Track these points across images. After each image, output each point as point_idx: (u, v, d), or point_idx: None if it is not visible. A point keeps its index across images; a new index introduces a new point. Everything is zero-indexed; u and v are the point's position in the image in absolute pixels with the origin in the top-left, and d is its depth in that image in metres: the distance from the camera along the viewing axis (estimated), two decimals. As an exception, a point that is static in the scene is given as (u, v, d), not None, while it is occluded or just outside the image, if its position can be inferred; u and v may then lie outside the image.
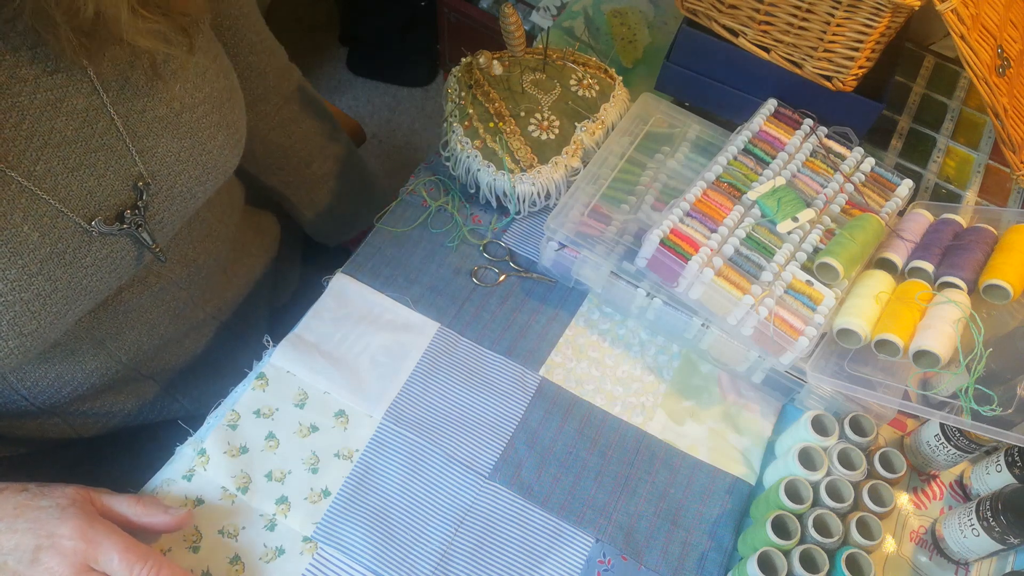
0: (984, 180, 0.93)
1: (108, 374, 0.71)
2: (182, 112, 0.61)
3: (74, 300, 0.58)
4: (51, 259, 0.55)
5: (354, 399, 0.70)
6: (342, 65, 2.14)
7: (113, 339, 0.69)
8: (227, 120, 0.65)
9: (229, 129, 0.66)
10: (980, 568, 0.68)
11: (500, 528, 0.66)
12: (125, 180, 0.59)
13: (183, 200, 0.64)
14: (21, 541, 0.53)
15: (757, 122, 0.79)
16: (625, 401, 0.73)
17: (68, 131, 0.54)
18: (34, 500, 0.55)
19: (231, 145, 0.67)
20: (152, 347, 0.74)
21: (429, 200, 0.83)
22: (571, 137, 0.80)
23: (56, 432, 0.74)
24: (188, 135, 0.62)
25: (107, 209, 0.58)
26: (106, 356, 0.69)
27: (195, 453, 0.66)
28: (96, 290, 0.60)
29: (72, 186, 0.55)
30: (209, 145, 0.64)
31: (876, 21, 0.72)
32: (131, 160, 0.58)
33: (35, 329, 0.56)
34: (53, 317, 0.57)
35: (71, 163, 0.55)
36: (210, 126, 0.63)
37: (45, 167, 0.53)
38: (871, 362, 0.68)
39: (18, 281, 0.53)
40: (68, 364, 0.67)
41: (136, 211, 0.59)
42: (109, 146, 0.57)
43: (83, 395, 0.71)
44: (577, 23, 1.02)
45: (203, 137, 0.63)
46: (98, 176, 0.57)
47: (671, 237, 0.69)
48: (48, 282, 0.55)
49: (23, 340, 0.56)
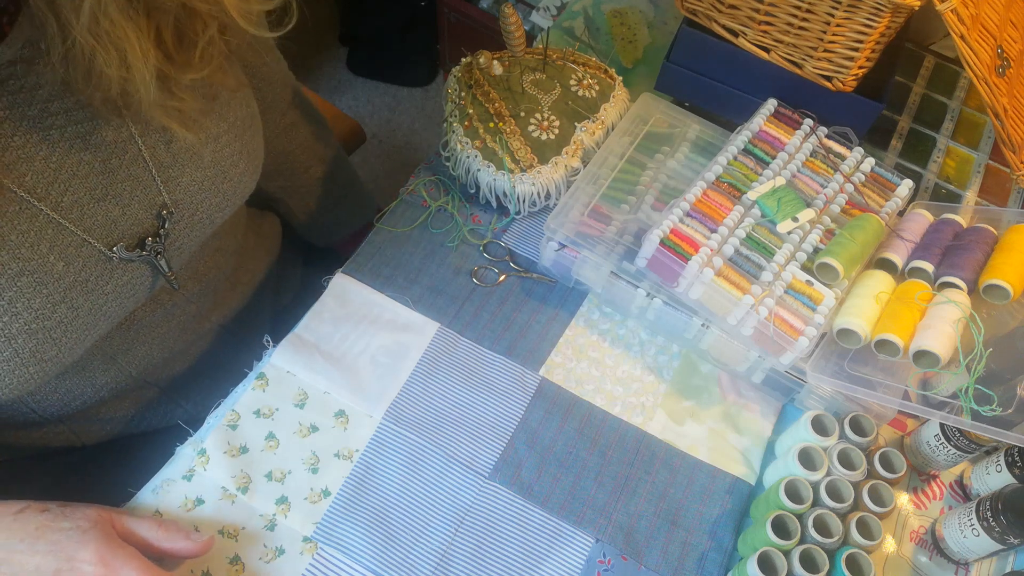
0: (984, 180, 0.93)
1: (117, 387, 0.71)
2: (207, 142, 0.61)
3: (94, 326, 0.59)
4: (74, 288, 0.55)
5: (354, 399, 0.70)
6: (342, 65, 2.14)
7: (124, 354, 0.69)
8: (248, 148, 0.66)
9: (250, 156, 0.66)
10: (980, 568, 0.68)
11: (500, 528, 0.66)
12: (149, 209, 0.59)
13: (202, 226, 0.65)
14: (42, 563, 0.53)
15: (757, 122, 0.79)
16: (625, 401, 0.73)
17: (96, 163, 0.54)
18: (55, 522, 0.55)
19: (251, 172, 0.67)
20: (161, 359, 0.74)
21: (429, 200, 0.83)
22: (571, 137, 0.80)
23: (60, 440, 0.74)
24: (212, 165, 0.62)
25: (129, 237, 0.58)
26: (116, 371, 0.70)
27: (195, 453, 0.66)
28: (114, 315, 0.61)
29: (97, 216, 0.56)
30: (231, 173, 0.64)
31: (876, 21, 0.72)
32: (156, 190, 0.59)
33: (55, 356, 0.56)
34: (72, 344, 0.57)
35: (97, 193, 0.55)
36: (233, 155, 0.64)
37: (72, 198, 0.54)
38: (871, 362, 0.68)
39: (42, 310, 0.54)
40: (79, 379, 0.67)
41: (157, 239, 0.60)
42: (135, 176, 0.57)
43: (90, 407, 0.71)
44: (577, 23, 1.02)
45: (226, 166, 0.63)
46: (123, 206, 0.57)
47: (671, 237, 0.69)
48: (71, 310, 0.56)
49: (42, 367, 0.56)
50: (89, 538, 0.54)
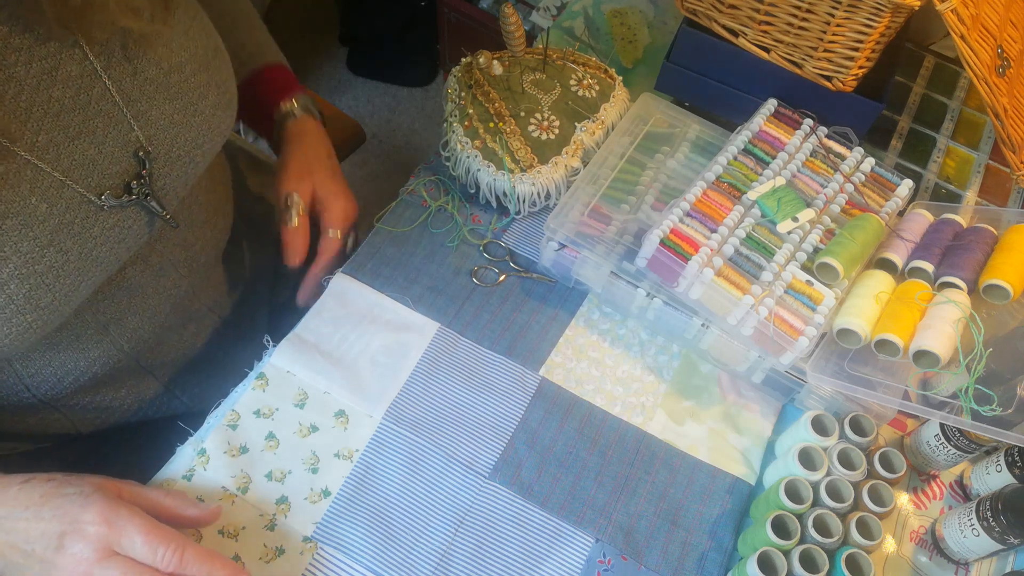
0: (984, 180, 0.93)
1: (110, 363, 0.71)
2: (170, 72, 0.61)
3: (86, 271, 0.59)
4: (61, 230, 0.55)
5: (354, 399, 0.70)
6: (342, 65, 2.14)
7: (116, 324, 0.69)
8: (215, 80, 0.66)
9: (219, 88, 0.66)
10: (980, 568, 0.68)
11: (500, 528, 0.66)
12: (124, 148, 0.59)
13: (183, 165, 0.65)
14: (47, 528, 0.53)
15: (757, 122, 0.79)
16: (625, 401, 0.73)
17: (65, 99, 0.54)
18: (59, 488, 0.55)
19: (223, 105, 0.67)
20: (153, 336, 0.74)
21: (429, 200, 0.83)
22: (571, 137, 0.80)
23: (56, 427, 0.74)
24: (179, 96, 0.62)
25: (112, 179, 0.59)
26: (109, 343, 0.69)
27: (195, 453, 0.66)
28: (107, 261, 0.61)
29: (74, 156, 0.56)
30: (201, 106, 0.64)
31: (876, 21, 0.72)
32: (128, 126, 0.59)
33: (50, 302, 0.56)
34: (67, 289, 0.57)
35: (71, 132, 0.55)
36: (199, 86, 0.64)
37: (47, 138, 0.54)
38: (871, 362, 0.68)
39: (31, 254, 0.54)
40: (71, 352, 0.67)
41: (141, 181, 0.60)
42: (106, 112, 0.57)
43: (84, 386, 0.71)
44: (577, 23, 1.02)
45: (194, 97, 0.63)
46: (98, 144, 0.57)
47: (671, 237, 0.69)
48: (60, 254, 0.56)
49: (40, 314, 0.56)
50: (92, 500, 0.54)
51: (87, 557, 0.52)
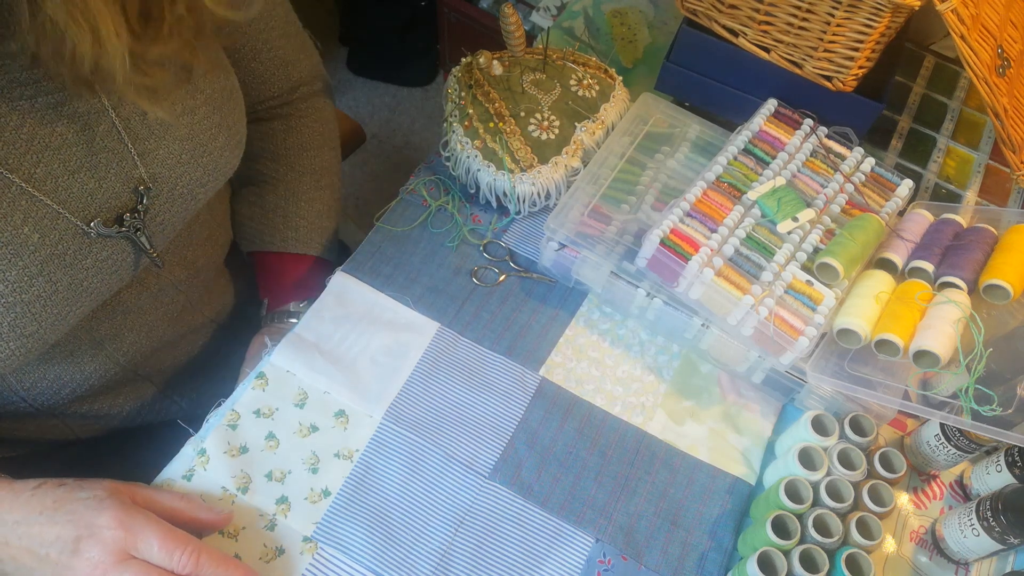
0: (984, 180, 0.93)
1: (107, 375, 0.71)
2: (183, 115, 0.60)
3: (74, 302, 0.58)
4: (51, 261, 0.55)
5: (354, 399, 0.70)
6: (342, 65, 2.14)
7: (112, 341, 0.69)
8: (227, 121, 0.65)
9: (230, 131, 0.66)
10: (980, 568, 0.68)
11: (500, 528, 0.66)
12: (126, 183, 0.59)
13: (184, 202, 0.64)
14: (61, 533, 0.53)
15: (757, 122, 0.79)
16: (625, 401, 0.73)
17: (69, 134, 0.54)
18: (72, 492, 0.55)
19: (232, 146, 0.66)
20: (150, 349, 0.74)
21: (429, 200, 0.83)
22: (571, 137, 0.80)
23: (54, 433, 0.74)
24: (189, 137, 0.62)
25: (107, 211, 0.58)
26: (104, 358, 0.69)
27: (195, 453, 0.66)
28: (96, 292, 0.60)
29: (72, 188, 0.55)
30: (210, 147, 0.64)
31: (876, 21, 0.72)
32: (132, 163, 0.58)
33: (35, 331, 0.56)
34: (54, 319, 0.57)
35: (71, 166, 0.55)
36: (211, 127, 0.63)
37: (45, 170, 0.53)
38: (871, 362, 0.68)
39: (19, 283, 0.53)
40: (67, 365, 0.67)
41: (135, 215, 0.60)
42: (110, 149, 0.57)
43: (81, 396, 0.71)
44: (577, 23, 1.02)
45: (204, 139, 0.63)
46: (99, 179, 0.57)
47: (671, 237, 0.69)
48: (48, 284, 0.55)
49: (24, 342, 0.56)
50: (106, 505, 0.54)
51: (103, 561, 0.52)
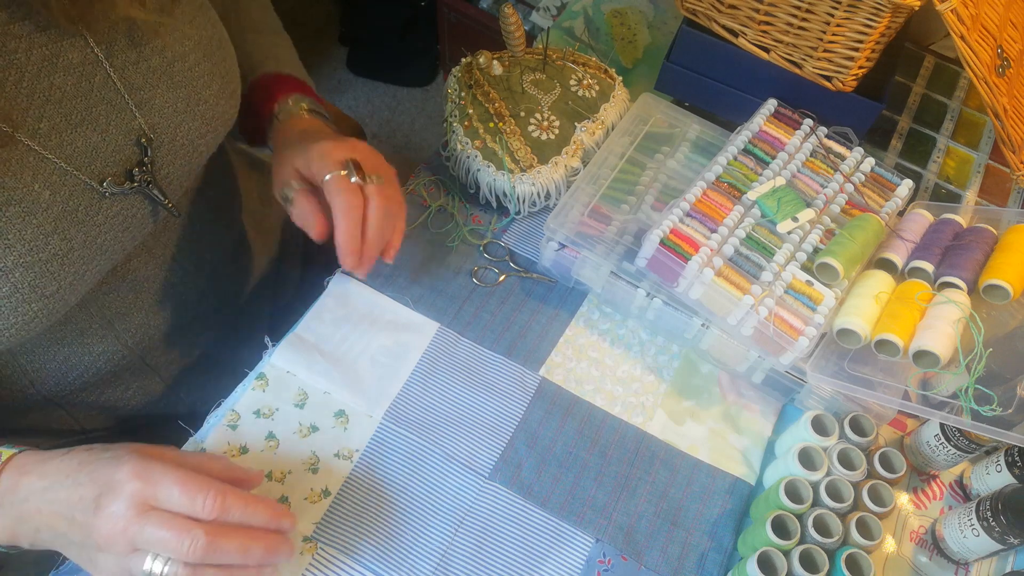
0: (984, 180, 0.93)
1: (114, 359, 0.71)
2: (174, 61, 0.61)
3: (90, 259, 0.59)
4: (64, 218, 0.56)
5: (354, 399, 0.70)
6: (342, 65, 2.14)
7: (122, 319, 0.69)
8: (219, 69, 0.66)
9: (223, 78, 0.66)
10: (980, 568, 0.68)
11: (500, 528, 0.66)
12: (127, 135, 0.59)
13: (186, 153, 0.64)
14: (84, 493, 0.53)
15: (757, 122, 0.79)
16: (625, 401, 0.73)
17: (67, 86, 0.54)
18: (96, 454, 0.55)
19: (227, 95, 0.67)
20: (158, 333, 0.74)
21: (429, 200, 0.83)
22: (571, 137, 0.80)
23: (59, 424, 0.74)
24: (183, 85, 0.62)
25: (114, 167, 0.59)
26: (114, 339, 0.69)
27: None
28: (111, 249, 0.61)
29: (76, 143, 0.56)
30: (205, 94, 0.64)
31: (876, 21, 0.72)
32: (130, 114, 0.59)
33: (55, 291, 0.56)
34: (72, 278, 0.57)
35: (73, 120, 0.55)
36: (203, 75, 0.64)
37: (49, 125, 0.54)
38: (871, 362, 0.68)
39: (35, 241, 0.54)
40: (76, 346, 0.67)
41: (143, 168, 0.60)
42: (108, 100, 0.57)
43: (88, 384, 0.71)
44: (577, 23, 1.02)
45: (198, 86, 0.63)
46: (100, 132, 0.57)
47: (671, 237, 0.69)
48: (64, 241, 0.56)
49: (45, 303, 0.56)
50: (124, 460, 0.53)
51: (123, 514, 0.51)
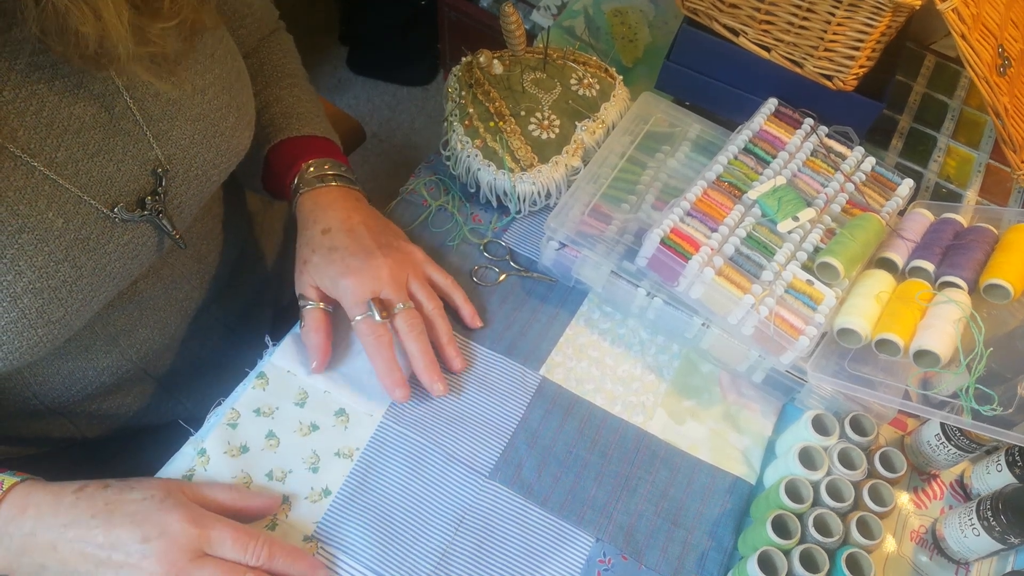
0: (985, 179, 0.93)
1: (118, 373, 0.71)
2: (194, 95, 0.61)
3: (99, 287, 0.59)
4: (76, 245, 0.56)
5: (354, 398, 0.70)
6: (342, 65, 2.14)
7: (126, 336, 0.69)
8: (236, 101, 0.66)
9: (240, 110, 0.66)
10: (980, 568, 0.68)
11: (500, 528, 0.66)
12: (143, 165, 0.59)
13: (199, 184, 0.65)
14: (123, 535, 0.53)
15: (757, 121, 0.79)
16: (625, 400, 0.73)
17: (87, 117, 0.55)
18: (123, 495, 0.55)
19: (242, 127, 0.67)
20: (162, 346, 0.74)
21: (429, 199, 0.83)
22: (571, 136, 0.80)
23: (60, 432, 0.74)
24: (201, 118, 0.62)
25: (127, 195, 0.59)
26: (118, 354, 0.70)
27: (195, 453, 0.65)
28: (119, 276, 0.61)
29: (92, 172, 0.56)
30: (222, 126, 0.64)
31: (877, 20, 0.72)
32: (147, 144, 0.59)
33: (62, 317, 0.56)
34: (79, 304, 0.57)
35: (90, 149, 0.55)
36: (221, 107, 0.64)
37: (66, 154, 0.54)
38: (871, 362, 0.68)
39: (45, 268, 0.54)
40: (81, 361, 0.67)
41: (156, 197, 0.60)
42: (126, 131, 0.57)
43: (91, 394, 0.71)
44: (577, 22, 1.01)
45: (215, 119, 0.64)
46: (117, 162, 0.57)
47: (671, 236, 0.69)
48: (74, 269, 0.56)
49: (50, 328, 0.56)
50: (169, 505, 0.54)
51: (178, 560, 0.52)
